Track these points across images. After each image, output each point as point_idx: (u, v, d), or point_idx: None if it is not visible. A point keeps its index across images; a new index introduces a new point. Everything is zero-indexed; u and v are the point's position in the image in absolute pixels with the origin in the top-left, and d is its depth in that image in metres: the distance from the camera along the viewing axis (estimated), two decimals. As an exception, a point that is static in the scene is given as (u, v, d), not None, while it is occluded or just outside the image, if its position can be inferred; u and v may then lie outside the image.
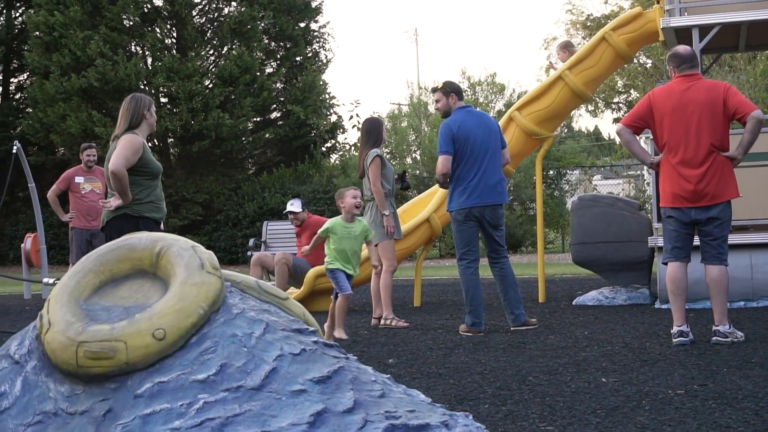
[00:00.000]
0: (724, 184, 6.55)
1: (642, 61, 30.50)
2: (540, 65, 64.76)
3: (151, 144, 25.16)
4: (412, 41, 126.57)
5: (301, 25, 28.37)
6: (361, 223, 7.91)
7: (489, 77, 27.07)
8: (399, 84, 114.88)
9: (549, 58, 36.15)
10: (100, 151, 11.81)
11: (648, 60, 30.29)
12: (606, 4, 32.53)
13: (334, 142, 29.13)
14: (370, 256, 8.66)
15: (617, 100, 33.65)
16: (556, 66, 10.94)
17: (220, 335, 3.09)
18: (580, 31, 32.80)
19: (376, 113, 28.37)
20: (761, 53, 23.70)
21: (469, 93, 25.92)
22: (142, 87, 24.78)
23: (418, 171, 23.70)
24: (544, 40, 37.04)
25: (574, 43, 11.38)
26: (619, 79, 31.51)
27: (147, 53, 26.53)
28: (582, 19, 32.81)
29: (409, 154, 25.12)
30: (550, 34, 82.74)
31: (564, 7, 38.85)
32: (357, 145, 26.27)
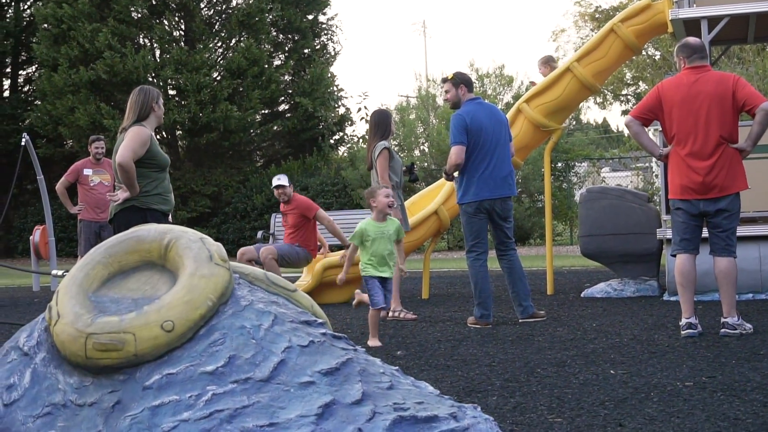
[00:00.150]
0: (732, 176, 6.53)
1: (650, 52, 30.46)
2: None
3: (159, 136, 25.19)
4: (420, 33, 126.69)
5: (309, 17, 28.37)
6: (394, 222, 7.24)
7: (497, 69, 27.01)
8: (407, 76, 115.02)
9: (557, 51, 36.10)
10: (108, 143, 11.81)
11: (656, 52, 30.25)
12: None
13: (342, 134, 29.14)
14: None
15: (626, 92, 33.62)
16: (536, 82, 10.91)
17: (228, 327, 3.09)
18: (588, 23, 32.76)
19: (384, 105, 28.37)
20: (770, 45, 23.63)
21: (478, 85, 25.84)
22: (150, 79, 24.80)
23: (426, 163, 23.66)
24: (552, 32, 37.10)
25: (555, 58, 11.33)
26: (628, 71, 31.48)
27: (155, 45, 26.55)
28: (590, 10, 32.77)
29: (417, 146, 25.09)
30: (558, 25, 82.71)
31: (572, -2, 38.76)
32: (365, 138, 26.25)
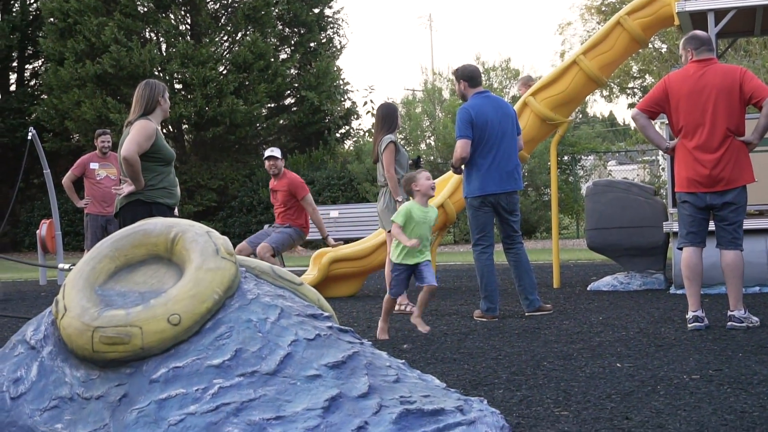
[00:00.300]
0: (739, 168, 6.51)
1: (657, 45, 30.37)
2: (555, 50, 64.56)
3: (165, 130, 25.21)
4: (426, 27, 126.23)
5: (315, 10, 28.35)
6: (434, 209, 7.06)
7: (503, 63, 27.01)
8: (413, 70, 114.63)
9: (563, 44, 36.01)
10: (114, 137, 11.82)
11: (663, 45, 30.16)
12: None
13: (348, 128, 29.15)
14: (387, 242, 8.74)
15: (632, 85, 33.52)
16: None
17: (234, 320, 3.09)
18: (594, 16, 32.67)
19: (390, 99, 28.34)
20: (777, 37, 23.55)
21: (484, 78, 25.80)
22: (156, 73, 24.81)
23: (432, 157, 23.65)
24: (558, 25, 37.01)
25: (533, 77, 11.34)
26: (634, 64, 31.38)
27: (161, 39, 26.57)
28: (597, 3, 32.66)
29: (423, 139, 25.08)
30: (564, 18, 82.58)
31: (578, -9, 38.69)
32: (371, 131, 26.24)
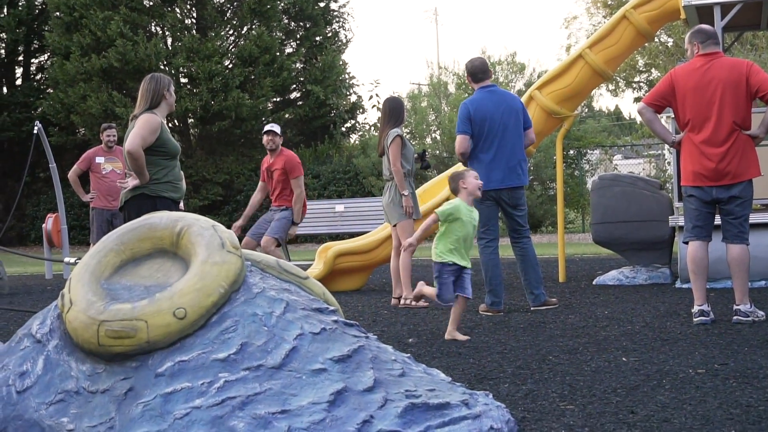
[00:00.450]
0: (746, 162, 6.50)
1: (663, 39, 30.31)
2: (560, 44, 64.45)
3: (171, 124, 25.22)
4: (432, 21, 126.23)
5: (321, 4, 28.33)
6: (476, 210, 6.50)
7: (509, 57, 26.97)
8: (419, 64, 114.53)
9: (569, 38, 35.98)
10: (120, 131, 11.83)
11: (669, 38, 30.08)
12: (627, -18, 32.29)
13: (353, 122, 29.13)
14: (393, 235, 8.79)
15: (638, 79, 33.46)
16: None
17: (240, 314, 3.09)
18: (600, 10, 32.61)
19: (396, 93, 28.33)
20: (784, 31, 23.47)
21: (490, 73, 25.82)
22: (162, 67, 24.82)
23: (437, 151, 23.64)
24: (564, 18, 36.92)
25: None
26: (640, 58, 31.31)
27: (167, 33, 26.56)
28: (603, -3, 32.59)
29: (429, 133, 25.07)
30: (570, 12, 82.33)
31: (584, -15, 38.54)
32: (377, 125, 26.22)
